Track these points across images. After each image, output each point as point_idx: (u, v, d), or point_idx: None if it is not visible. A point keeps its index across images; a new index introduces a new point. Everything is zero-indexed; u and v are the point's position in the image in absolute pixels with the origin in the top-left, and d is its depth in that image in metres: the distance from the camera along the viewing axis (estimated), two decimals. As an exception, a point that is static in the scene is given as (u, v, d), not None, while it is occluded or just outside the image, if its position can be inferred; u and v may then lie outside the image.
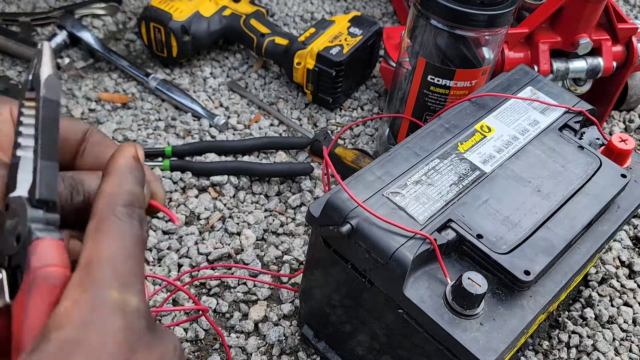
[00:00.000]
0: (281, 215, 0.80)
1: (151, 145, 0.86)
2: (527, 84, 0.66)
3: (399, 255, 0.47)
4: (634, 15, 1.24)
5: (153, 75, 0.93)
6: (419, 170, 0.54)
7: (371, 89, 1.00)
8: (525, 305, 0.49)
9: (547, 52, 0.82)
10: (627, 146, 0.59)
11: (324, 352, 0.65)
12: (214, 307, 0.70)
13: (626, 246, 0.81)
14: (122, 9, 1.08)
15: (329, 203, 0.51)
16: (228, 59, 1.01)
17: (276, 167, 0.82)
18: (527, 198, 0.54)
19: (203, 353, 0.66)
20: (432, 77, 0.72)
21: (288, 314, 0.70)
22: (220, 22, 0.96)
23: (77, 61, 0.97)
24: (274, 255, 0.75)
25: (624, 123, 0.99)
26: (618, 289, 0.76)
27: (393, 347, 0.54)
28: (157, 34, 0.93)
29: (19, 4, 1.06)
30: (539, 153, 0.58)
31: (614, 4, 0.85)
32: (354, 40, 0.90)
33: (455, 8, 0.65)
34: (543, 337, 0.71)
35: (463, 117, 0.61)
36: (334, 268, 0.55)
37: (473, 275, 0.46)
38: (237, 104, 0.94)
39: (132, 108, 0.92)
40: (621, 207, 0.57)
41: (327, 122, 0.93)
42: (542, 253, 0.50)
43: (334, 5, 1.15)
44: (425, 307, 0.47)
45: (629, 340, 0.71)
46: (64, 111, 0.90)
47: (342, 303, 0.58)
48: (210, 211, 0.79)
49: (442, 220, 0.51)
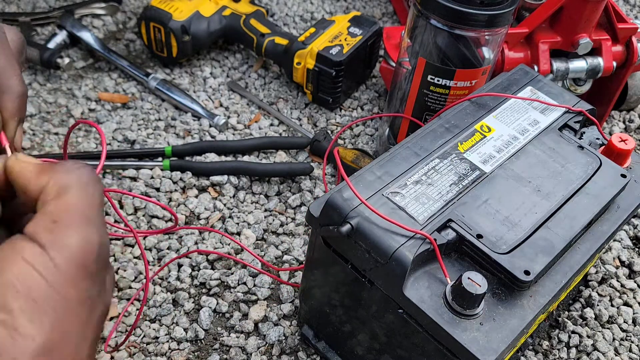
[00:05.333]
0: (281, 215, 0.80)
1: (151, 145, 0.86)
2: (527, 84, 0.66)
3: (399, 255, 0.47)
4: (634, 15, 1.24)
5: (153, 75, 0.93)
6: (419, 170, 0.54)
7: (371, 89, 1.00)
8: (525, 305, 0.49)
9: (547, 52, 0.82)
10: (627, 146, 0.59)
11: (324, 352, 0.65)
12: (213, 307, 0.70)
13: (626, 246, 0.81)
14: (122, 8, 1.08)
15: (329, 203, 0.51)
16: (228, 59, 1.01)
17: (276, 167, 0.82)
18: (527, 198, 0.54)
19: (203, 353, 0.66)
20: (432, 77, 0.72)
21: (288, 314, 0.70)
22: (220, 22, 0.96)
23: (77, 61, 0.97)
24: (274, 255, 0.75)
25: (624, 123, 0.99)
26: (618, 289, 0.76)
27: (393, 347, 0.54)
28: (157, 34, 0.93)
29: (19, 4, 1.06)
30: (539, 153, 0.58)
31: (614, 4, 0.85)
32: (354, 40, 0.90)
33: (455, 8, 0.65)
34: (543, 337, 0.71)
35: (463, 117, 0.61)
36: (334, 268, 0.55)
37: (473, 275, 0.46)
38: (237, 104, 0.94)
39: (132, 108, 0.92)
40: (621, 207, 0.57)
41: (327, 122, 0.93)
42: (542, 253, 0.50)
43: (334, 5, 1.15)
44: (425, 307, 0.47)
45: (629, 340, 0.71)
46: (64, 111, 0.90)
47: (342, 303, 0.58)
48: (210, 211, 0.79)
49: (442, 220, 0.51)
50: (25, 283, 0.26)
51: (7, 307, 0.25)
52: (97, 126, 0.36)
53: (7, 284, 0.26)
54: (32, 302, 0.26)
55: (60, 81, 0.95)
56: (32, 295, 0.26)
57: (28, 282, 0.26)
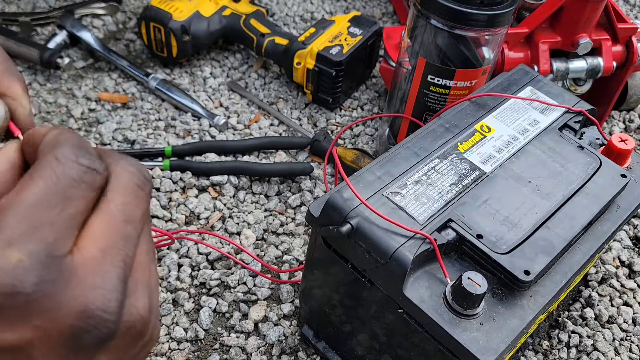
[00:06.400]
0: (281, 215, 0.80)
1: (151, 145, 0.86)
2: (527, 84, 0.66)
3: (399, 255, 0.47)
4: (634, 15, 1.24)
5: (153, 75, 0.93)
6: (418, 170, 0.54)
7: (371, 89, 1.00)
8: (525, 305, 0.49)
9: (547, 52, 0.82)
10: (627, 146, 0.59)
11: (324, 352, 0.65)
12: (213, 307, 0.70)
13: (626, 246, 0.81)
14: (122, 8, 1.08)
15: (329, 203, 0.51)
16: (228, 59, 1.01)
17: (276, 167, 0.82)
18: (527, 198, 0.54)
19: (203, 353, 0.66)
20: (432, 77, 0.72)
21: (288, 313, 0.70)
22: (220, 22, 0.96)
23: (77, 61, 0.97)
24: (274, 255, 0.75)
25: (624, 123, 0.99)
26: (618, 289, 0.76)
27: (393, 347, 0.54)
28: (157, 34, 0.93)
29: (19, 3, 1.06)
30: (539, 153, 0.58)
31: (614, 4, 0.85)
32: (354, 40, 0.90)
33: (455, 8, 0.65)
34: (543, 337, 0.71)
35: (463, 117, 0.61)
36: (334, 268, 0.55)
37: (473, 275, 0.46)
38: (237, 104, 0.94)
39: (132, 108, 0.92)
40: (621, 207, 0.57)
41: (327, 122, 0.93)
42: (542, 253, 0.50)
43: (334, 5, 1.15)
44: (425, 307, 0.47)
45: (629, 340, 0.71)
46: (64, 111, 0.90)
47: (342, 303, 0.58)
48: (210, 211, 0.79)
49: (442, 220, 0.51)
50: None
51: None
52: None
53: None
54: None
55: (60, 81, 0.95)
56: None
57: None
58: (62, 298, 0.23)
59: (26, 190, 0.24)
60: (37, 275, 0.23)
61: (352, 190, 0.49)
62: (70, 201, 0.24)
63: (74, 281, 0.24)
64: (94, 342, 0.24)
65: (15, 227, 0.23)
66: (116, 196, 0.26)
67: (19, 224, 0.23)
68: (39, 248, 0.23)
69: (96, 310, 0.24)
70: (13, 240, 0.23)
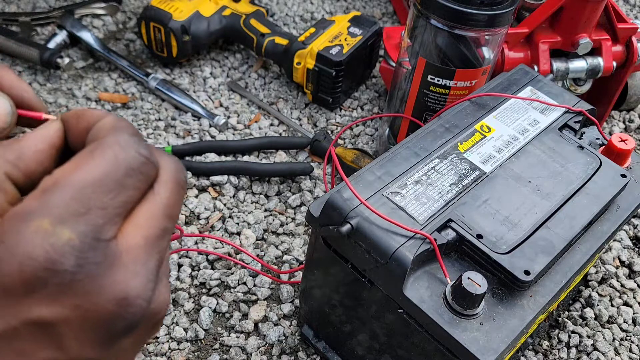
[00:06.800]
0: (281, 215, 0.80)
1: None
2: (527, 84, 0.66)
3: (399, 255, 0.47)
4: (634, 15, 1.24)
5: (153, 75, 0.93)
6: (419, 170, 0.54)
7: (371, 89, 1.00)
8: (525, 305, 0.49)
9: (547, 52, 0.82)
10: (627, 146, 0.59)
11: (324, 352, 0.65)
12: (213, 307, 0.70)
13: (626, 246, 0.81)
14: (122, 8, 1.08)
15: (329, 203, 0.51)
16: (228, 59, 1.01)
17: (276, 167, 0.82)
18: (527, 198, 0.54)
19: (203, 353, 0.66)
20: (432, 77, 0.72)
21: (288, 313, 0.70)
22: (220, 22, 0.96)
23: (77, 61, 0.97)
24: (274, 255, 0.75)
25: (624, 123, 0.99)
26: (618, 289, 0.76)
27: (393, 347, 0.54)
28: (157, 34, 0.93)
29: (19, 4, 1.06)
30: (539, 153, 0.58)
31: (614, 4, 0.85)
32: (354, 40, 0.90)
33: (455, 8, 0.65)
34: (543, 337, 0.71)
35: (463, 117, 0.61)
36: (334, 268, 0.55)
37: (473, 275, 0.46)
38: (237, 104, 0.94)
39: (132, 108, 0.92)
40: (621, 207, 0.57)
41: (327, 122, 0.93)
42: (542, 253, 0.50)
43: (334, 5, 1.15)
44: (425, 307, 0.47)
45: (629, 340, 0.71)
46: (64, 111, 0.90)
47: (342, 303, 0.58)
48: (210, 211, 0.79)
49: (442, 220, 0.51)
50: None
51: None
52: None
53: None
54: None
55: (60, 81, 0.95)
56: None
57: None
58: (104, 282, 0.24)
59: (84, 169, 0.24)
60: (84, 256, 0.23)
61: (352, 191, 0.49)
62: (125, 189, 0.25)
63: (116, 266, 0.24)
64: (126, 328, 0.25)
65: (70, 205, 0.23)
66: (162, 190, 0.27)
67: (73, 202, 0.23)
68: (88, 230, 0.23)
69: (136, 299, 0.25)
70: (65, 218, 0.23)
